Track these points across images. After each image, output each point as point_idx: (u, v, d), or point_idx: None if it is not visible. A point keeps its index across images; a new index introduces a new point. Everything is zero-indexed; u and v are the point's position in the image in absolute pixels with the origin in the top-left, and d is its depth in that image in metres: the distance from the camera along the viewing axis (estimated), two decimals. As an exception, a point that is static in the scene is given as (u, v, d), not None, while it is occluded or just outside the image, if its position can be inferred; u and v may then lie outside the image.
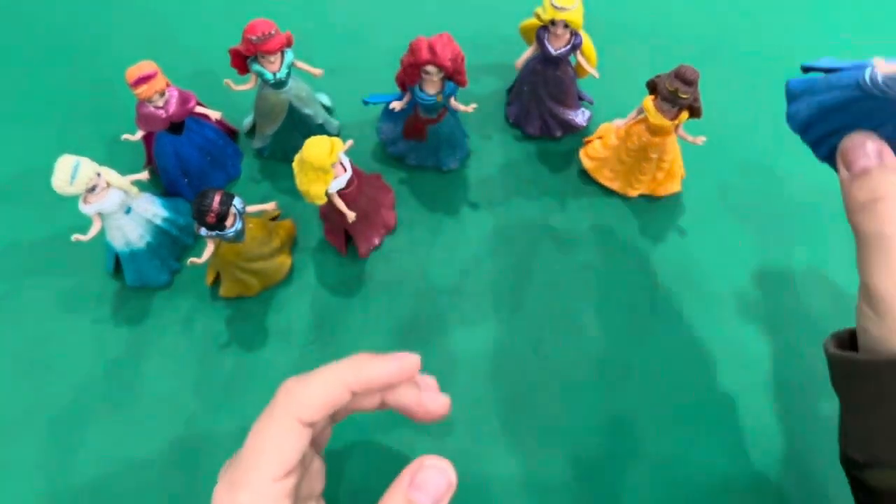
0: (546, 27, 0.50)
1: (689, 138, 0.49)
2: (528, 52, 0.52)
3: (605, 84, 0.56)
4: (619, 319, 0.48)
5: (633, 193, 0.53)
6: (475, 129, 0.57)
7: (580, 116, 0.56)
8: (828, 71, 0.34)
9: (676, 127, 0.48)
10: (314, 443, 0.35)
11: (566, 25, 0.49)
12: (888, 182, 0.29)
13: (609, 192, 0.54)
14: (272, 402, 0.31)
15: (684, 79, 0.43)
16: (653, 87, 0.47)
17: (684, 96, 0.44)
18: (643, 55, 0.58)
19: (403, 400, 0.34)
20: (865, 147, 0.30)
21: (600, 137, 0.54)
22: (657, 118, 0.47)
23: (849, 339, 0.33)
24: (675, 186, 0.53)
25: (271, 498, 0.29)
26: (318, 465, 0.35)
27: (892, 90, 0.30)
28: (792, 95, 0.38)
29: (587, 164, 0.54)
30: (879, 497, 0.35)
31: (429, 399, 0.35)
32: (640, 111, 0.49)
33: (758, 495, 0.42)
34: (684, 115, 0.47)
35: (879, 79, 0.30)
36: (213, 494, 0.30)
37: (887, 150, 0.30)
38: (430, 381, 0.37)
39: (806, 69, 0.36)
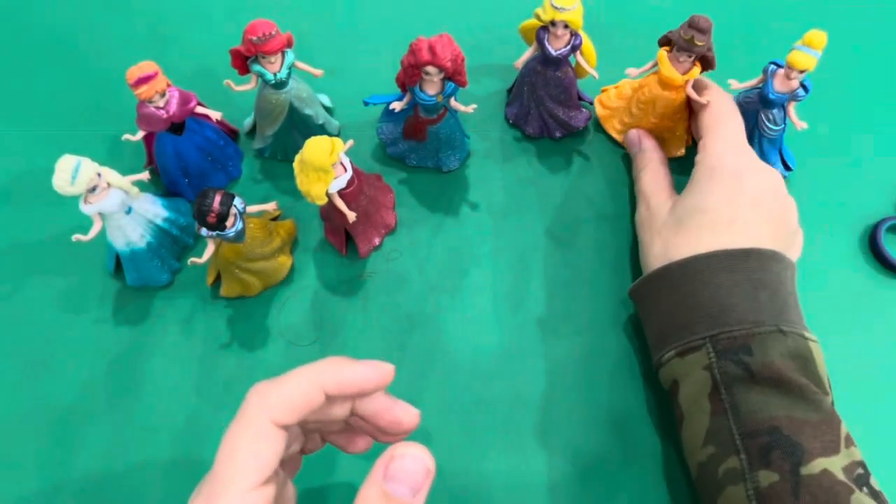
0: (546, 28, 0.50)
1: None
2: (528, 52, 0.52)
3: (605, 85, 0.57)
4: (620, 318, 0.49)
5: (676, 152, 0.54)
6: (475, 129, 0.57)
7: (580, 117, 0.56)
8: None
9: (686, 83, 0.49)
10: (285, 465, 0.33)
11: (566, 26, 0.49)
12: (643, 158, 0.52)
13: (610, 189, 0.54)
14: (243, 406, 0.29)
15: (698, 27, 0.46)
16: (666, 41, 0.49)
17: (700, 44, 0.46)
18: (643, 56, 0.58)
19: (376, 405, 0.32)
20: (634, 138, 0.53)
21: (617, 87, 0.56)
22: (669, 70, 0.49)
23: None
24: (678, 150, 0.54)
25: None
26: (290, 492, 0.33)
27: (748, 102, 0.50)
28: None
29: (600, 111, 0.57)
30: (672, 400, 0.42)
31: (402, 409, 0.33)
32: (655, 64, 0.50)
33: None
34: (695, 70, 0.49)
35: (737, 94, 0.51)
36: None
37: (645, 135, 0.53)
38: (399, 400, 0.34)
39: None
